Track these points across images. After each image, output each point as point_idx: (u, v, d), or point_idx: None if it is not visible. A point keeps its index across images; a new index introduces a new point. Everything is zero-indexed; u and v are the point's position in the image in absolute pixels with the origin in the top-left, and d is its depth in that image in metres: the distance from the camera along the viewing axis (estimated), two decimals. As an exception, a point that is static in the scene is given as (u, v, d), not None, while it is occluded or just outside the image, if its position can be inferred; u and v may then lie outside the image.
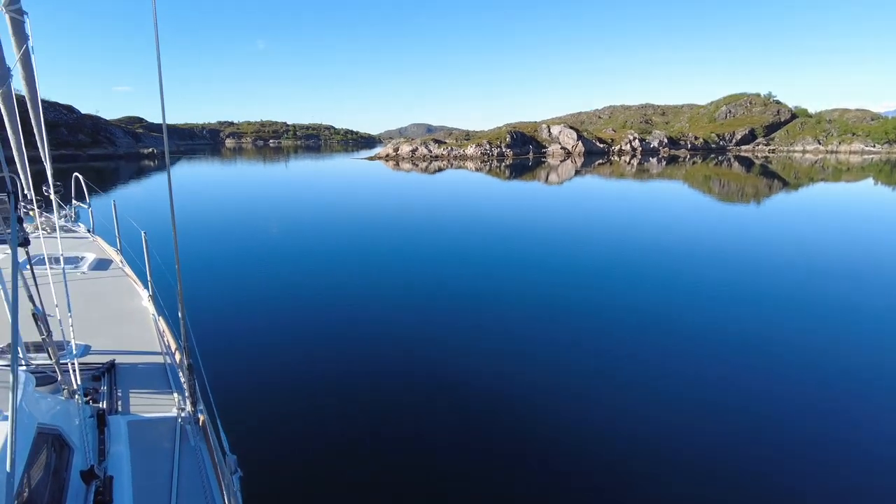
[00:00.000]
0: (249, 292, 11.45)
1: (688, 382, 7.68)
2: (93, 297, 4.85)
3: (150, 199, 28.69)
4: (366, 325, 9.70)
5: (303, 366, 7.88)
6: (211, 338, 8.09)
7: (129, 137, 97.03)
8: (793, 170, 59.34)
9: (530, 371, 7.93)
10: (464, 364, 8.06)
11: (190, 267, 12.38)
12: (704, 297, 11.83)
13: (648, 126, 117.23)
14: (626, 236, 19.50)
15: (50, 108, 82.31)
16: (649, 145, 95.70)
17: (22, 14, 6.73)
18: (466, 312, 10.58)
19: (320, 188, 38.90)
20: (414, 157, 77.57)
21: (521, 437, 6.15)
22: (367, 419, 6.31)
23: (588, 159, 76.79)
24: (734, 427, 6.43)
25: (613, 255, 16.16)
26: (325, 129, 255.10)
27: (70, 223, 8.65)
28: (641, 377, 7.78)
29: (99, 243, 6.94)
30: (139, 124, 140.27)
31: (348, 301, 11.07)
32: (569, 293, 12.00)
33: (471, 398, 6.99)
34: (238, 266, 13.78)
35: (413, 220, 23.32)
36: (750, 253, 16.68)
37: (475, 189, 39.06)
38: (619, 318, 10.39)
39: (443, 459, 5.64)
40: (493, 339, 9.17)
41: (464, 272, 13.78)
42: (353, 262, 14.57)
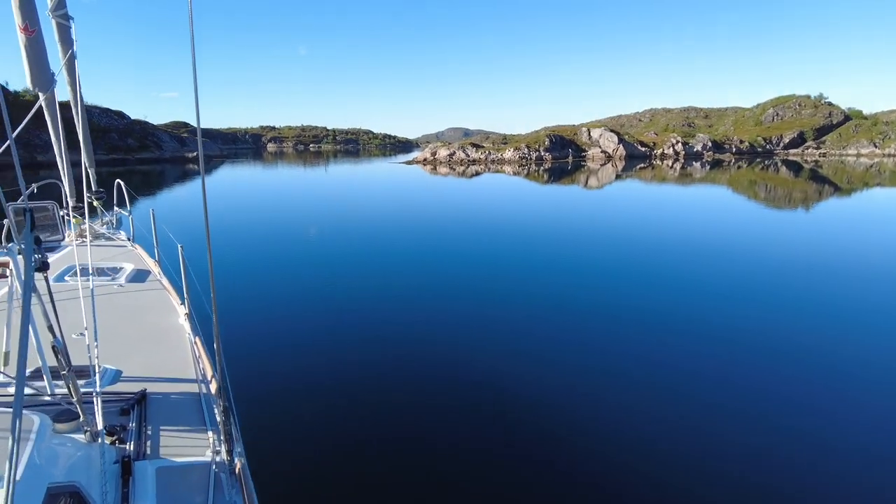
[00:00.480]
0: (286, 310, 10.66)
1: (709, 385, 7.54)
2: (128, 312, 4.68)
3: (191, 203, 29.19)
4: (419, 352, 8.61)
5: (345, 397, 6.84)
6: (245, 362, 7.37)
7: (175, 142, 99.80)
8: (845, 174, 56.79)
9: (554, 374, 7.79)
10: (501, 368, 7.96)
11: (226, 281, 11.88)
12: (735, 303, 11.38)
13: (691, 129, 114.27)
14: (658, 240, 19.04)
15: (102, 114, 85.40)
16: (692, 149, 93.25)
17: (68, 19, 6.72)
18: (502, 317, 10.43)
19: (360, 194, 39.11)
20: (451, 161, 77.44)
21: (542, 438, 6.13)
22: (430, 469, 5.51)
23: (629, 163, 75.26)
24: (748, 429, 6.33)
25: (647, 259, 15.79)
26: (364, 134, 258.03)
27: (111, 230, 8.65)
28: (670, 384, 7.55)
29: (138, 252, 6.85)
30: (185, 129, 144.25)
31: (396, 324, 9.83)
32: (597, 296, 11.76)
33: (507, 402, 6.88)
34: (275, 278, 13.20)
35: (447, 224, 23.10)
36: (785, 259, 15.99)
37: (510, 193, 38.61)
38: (649, 321, 10.13)
39: (485, 469, 5.52)
40: (525, 342, 9.11)
41: (501, 276, 13.70)
42: (397, 278, 13.41)
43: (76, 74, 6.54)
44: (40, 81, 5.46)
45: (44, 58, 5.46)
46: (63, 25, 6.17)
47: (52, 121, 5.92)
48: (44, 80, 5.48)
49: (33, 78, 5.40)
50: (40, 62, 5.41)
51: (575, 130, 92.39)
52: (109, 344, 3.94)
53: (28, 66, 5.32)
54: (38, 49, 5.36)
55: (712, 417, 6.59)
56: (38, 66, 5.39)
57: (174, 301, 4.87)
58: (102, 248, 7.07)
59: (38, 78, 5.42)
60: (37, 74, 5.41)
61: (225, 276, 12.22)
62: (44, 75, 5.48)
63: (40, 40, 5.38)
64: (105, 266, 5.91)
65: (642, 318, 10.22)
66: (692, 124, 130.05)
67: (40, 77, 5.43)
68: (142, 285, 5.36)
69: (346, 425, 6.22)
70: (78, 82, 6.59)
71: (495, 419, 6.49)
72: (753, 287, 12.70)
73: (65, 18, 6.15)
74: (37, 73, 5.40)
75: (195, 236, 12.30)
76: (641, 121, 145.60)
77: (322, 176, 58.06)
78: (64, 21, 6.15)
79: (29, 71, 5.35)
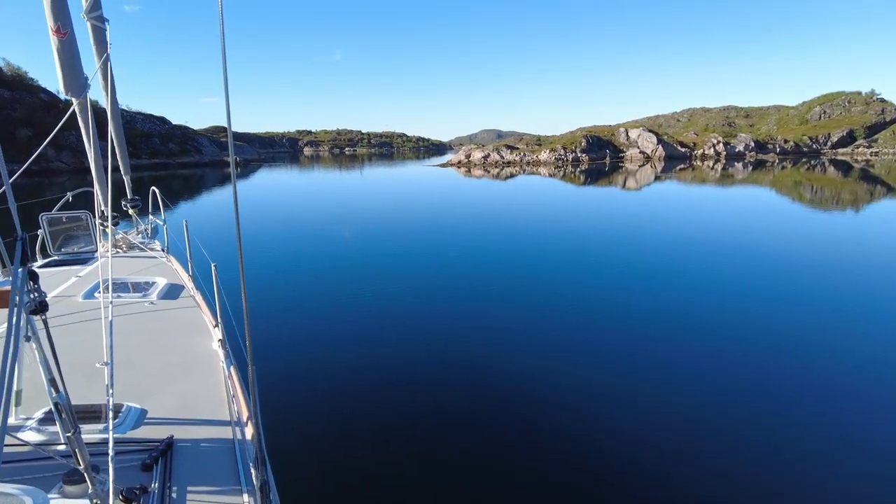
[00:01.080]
0: (321, 325, 9.95)
1: (740, 389, 7.34)
2: (158, 335, 4.35)
3: (227, 210, 28.51)
4: (461, 361, 8.20)
5: (396, 434, 6.08)
6: (279, 388, 6.81)
7: (215, 146, 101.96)
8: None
9: (590, 378, 7.63)
10: (531, 369, 7.89)
11: (260, 295, 11.41)
12: (769, 306, 10.89)
13: (731, 129, 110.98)
14: (694, 241, 18.51)
15: (145, 120, 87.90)
16: (734, 149, 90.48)
17: (103, 21, 6.52)
18: (530, 318, 10.30)
19: (395, 197, 38.93)
20: (486, 163, 76.90)
21: (564, 437, 6.11)
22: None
23: (668, 164, 73.43)
24: (766, 428, 6.29)
25: (683, 262, 15.32)
26: (398, 137, 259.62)
27: (146, 238, 8.46)
28: (707, 394, 7.27)
29: (172, 265, 6.57)
30: (224, 133, 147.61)
31: (446, 342, 8.99)
32: (631, 298, 11.53)
33: (540, 404, 6.88)
34: (309, 291, 12.45)
35: (479, 226, 22.69)
36: (828, 260, 15.16)
37: (543, 194, 37.83)
38: (679, 323, 9.93)
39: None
40: (555, 343, 9.00)
41: (531, 278, 13.36)
42: (440, 287, 12.75)
43: (111, 78, 6.33)
44: (73, 86, 5.26)
45: (77, 61, 5.25)
46: (98, 28, 5.97)
47: (86, 127, 5.70)
48: (77, 84, 5.28)
49: (66, 82, 5.19)
50: (73, 66, 5.20)
51: (612, 131, 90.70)
52: (136, 373, 3.62)
53: (60, 69, 5.11)
54: (70, 52, 5.14)
55: (738, 418, 6.52)
56: (70, 70, 5.18)
57: (208, 322, 4.54)
58: (136, 260, 6.83)
59: (71, 82, 5.22)
60: (69, 78, 5.20)
61: (259, 291, 11.86)
62: (77, 79, 5.27)
63: (73, 43, 5.17)
64: (137, 280, 5.64)
65: (672, 320, 10.03)
66: (732, 124, 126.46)
67: (73, 81, 5.23)
68: (174, 303, 5.05)
69: (398, 469, 5.47)
70: (112, 86, 6.37)
71: (533, 422, 6.42)
72: (790, 290, 12.20)
73: (100, 21, 5.94)
74: (69, 77, 5.20)
75: (230, 248, 12.00)
76: (679, 121, 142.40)
77: (358, 179, 58.26)
78: (99, 23, 5.95)
79: (61, 74, 5.14)
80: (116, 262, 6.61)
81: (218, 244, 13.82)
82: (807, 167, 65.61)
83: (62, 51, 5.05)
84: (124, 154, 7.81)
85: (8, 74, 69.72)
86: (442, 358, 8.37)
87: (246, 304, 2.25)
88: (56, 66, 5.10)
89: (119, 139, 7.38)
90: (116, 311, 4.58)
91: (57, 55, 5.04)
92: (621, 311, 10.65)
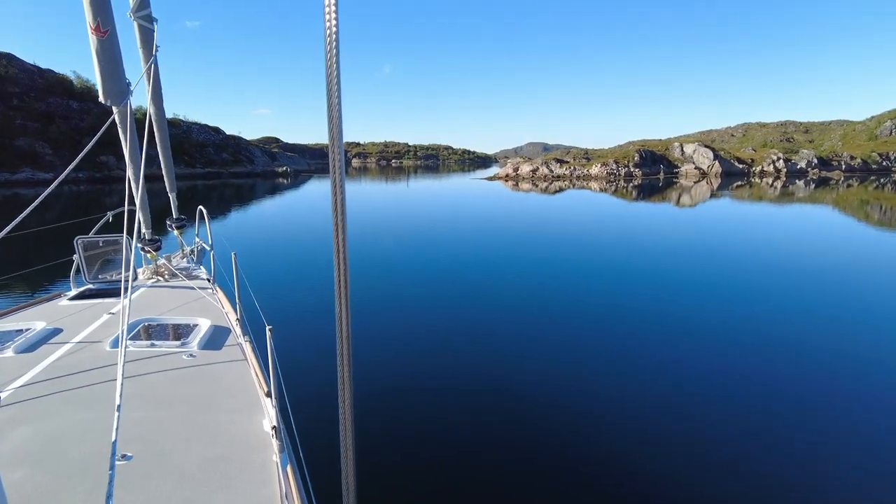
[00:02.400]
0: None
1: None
2: (197, 407, 3.51)
3: (279, 236, 25.20)
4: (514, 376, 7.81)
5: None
6: None
7: (266, 156, 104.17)
8: None
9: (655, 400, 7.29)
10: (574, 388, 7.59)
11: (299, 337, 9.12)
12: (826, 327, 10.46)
13: (790, 145, 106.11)
14: (746, 258, 17.65)
15: (200, 130, 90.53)
16: (795, 166, 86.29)
17: (151, 21, 5.97)
18: (572, 330, 10.22)
19: (445, 212, 38.25)
20: (534, 177, 75.61)
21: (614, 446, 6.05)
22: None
23: (725, 181, 70.45)
24: (772, 430, 6.38)
25: (734, 279, 14.50)
26: (444, 150, 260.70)
27: (191, 262, 7.84)
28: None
29: (218, 299, 5.86)
30: (275, 144, 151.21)
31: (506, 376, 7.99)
32: (680, 316, 11.14)
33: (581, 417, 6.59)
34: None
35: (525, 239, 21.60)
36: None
37: (595, 209, 36.36)
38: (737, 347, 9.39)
39: None
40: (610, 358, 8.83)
41: (584, 291, 12.85)
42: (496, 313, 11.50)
43: (159, 83, 5.75)
44: (113, 92, 4.66)
45: (118, 64, 4.64)
46: (145, 29, 5.40)
47: (126, 137, 5.09)
48: (117, 90, 4.67)
49: (105, 87, 4.59)
50: (114, 69, 4.60)
51: (666, 145, 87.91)
52: (159, 473, 2.80)
53: (99, 73, 4.52)
54: (111, 54, 4.54)
55: (747, 422, 6.59)
56: (110, 74, 4.58)
57: (258, 385, 3.72)
58: (178, 291, 6.16)
59: (111, 88, 4.62)
60: (109, 83, 4.60)
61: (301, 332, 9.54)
62: (117, 84, 4.67)
63: (114, 43, 4.57)
64: (177, 321, 4.92)
65: (733, 343, 9.51)
66: (791, 139, 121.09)
67: (113, 86, 4.63)
68: (218, 354, 4.27)
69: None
70: (157, 93, 5.79)
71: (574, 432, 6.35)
72: (848, 314, 11.43)
73: (148, 20, 5.38)
74: (109, 82, 4.59)
75: (278, 284, 10.85)
76: (734, 136, 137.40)
77: (405, 191, 57.94)
78: (147, 23, 5.39)
79: (100, 79, 4.54)
80: (155, 294, 5.96)
81: (266, 277, 13.13)
82: (875, 185, 61.65)
83: (102, 52, 4.46)
84: (170, 169, 7.26)
85: (78, 87, 72.97)
86: (491, 370, 8.11)
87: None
88: (94, 69, 4.51)
89: (165, 152, 6.82)
90: (148, 367, 3.87)
91: (96, 57, 4.45)
92: (675, 331, 10.25)
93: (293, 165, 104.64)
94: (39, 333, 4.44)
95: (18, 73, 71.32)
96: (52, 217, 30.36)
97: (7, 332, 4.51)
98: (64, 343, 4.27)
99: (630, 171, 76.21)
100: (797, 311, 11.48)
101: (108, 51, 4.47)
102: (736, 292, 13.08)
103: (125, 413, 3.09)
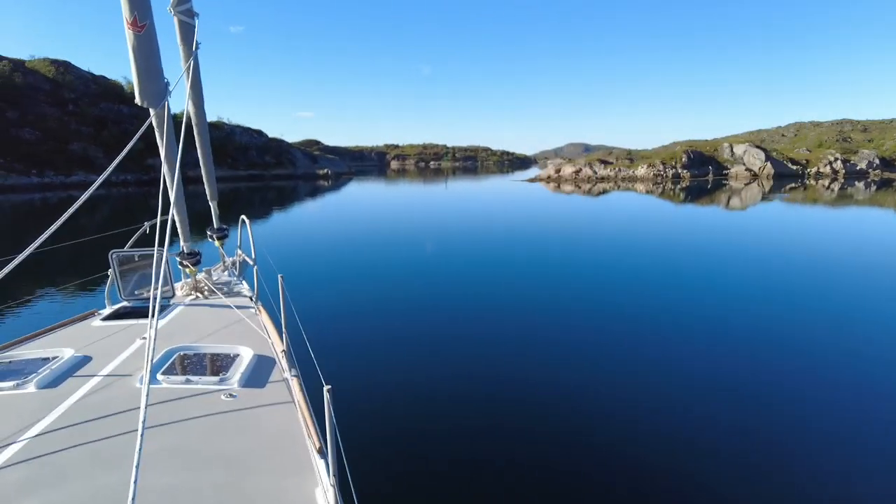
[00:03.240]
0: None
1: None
2: (240, 462, 2.96)
3: (327, 255, 25.96)
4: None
5: None
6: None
7: (307, 159, 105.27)
8: None
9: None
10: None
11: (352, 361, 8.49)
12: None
13: (848, 144, 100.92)
14: (801, 263, 17.32)
15: (243, 133, 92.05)
16: (855, 167, 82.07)
17: (192, 16, 5.49)
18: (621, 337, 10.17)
19: (484, 214, 37.48)
20: (577, 178, 74.06)
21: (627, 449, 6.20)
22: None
23: (777, 183, 67.42)
24: (779, 434, 6.43)
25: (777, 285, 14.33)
26: (482, 151, 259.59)
27: (232, 276, 7.23)
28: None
29: (262, 323, 5.32)
30: (316, 146, 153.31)
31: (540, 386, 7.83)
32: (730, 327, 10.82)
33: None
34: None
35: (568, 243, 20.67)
36: None
37: (640, 213, 34.97)
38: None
39: None
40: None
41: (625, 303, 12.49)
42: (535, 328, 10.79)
43: (198, 83, 5.28)
44: (150, 92, 4.16)
45: (156, 62, 4.13)
46: (186, 24, 4.92)
47: (163, 140, 4.58)
48: (154, 90, 4.18)
49: (141, 87, 4.10)
50: (151, 68, 4.09)
51: (715, 146, 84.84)
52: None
53: (136, 72, 4.03)
54: (149, 50, 4.04)
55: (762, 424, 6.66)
56: (147, 73, 4.08)
57: (307, 435, 3.12)
58: (217, 311, 5.58)
59: (147, 87, 4.12)
60: (146, 83, 4.10)
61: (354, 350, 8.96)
62: (155, 84, 4.17)
63: (152, 39, 4.07)
64: (215, 350, 4.38)
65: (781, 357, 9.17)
66: (848, 139, 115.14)
67: (150, 86, 4.13)
68: (262, 394, 3.69)
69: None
70: (199, 93, 5.30)
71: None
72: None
73: (189, 15, 4.89)
74: (146, 82, 4.10)
75: (325, 305, 10.00)
76: (784, 136, 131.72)
77: (443, 194, 57.37)
78: (188, 18, 4.90)
79: (136, 79, 4.05)
80: (193, 315, 5.47)
81: (315, 300, 12.17)
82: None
83: (139, 48, 3.96)
84: (211, 175, 6.80)
85: (129, 92, 75.32)
86: (549, 378, 8.11)
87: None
88: (131, 67, 4.02)
89: (205, 157, 6.31)
90: (181, 410, 3.32)
91: (132, 53, 3.96)
92: (729, 345, 9.79)
93: (333, 168, 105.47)
94: (66, 363, 3.98)
95: (74, 79, 74.11)
96: (100, 218, 31.01)
97: (33, 360, 4.07)
98: (91, 376, 3.79)
99: (678, 172, 73.80)
100: (854, 322, 11.11)
101: (146, 47, 3.98)
102: (793, 304, 12.46)
103: (149, 477, 2.54)
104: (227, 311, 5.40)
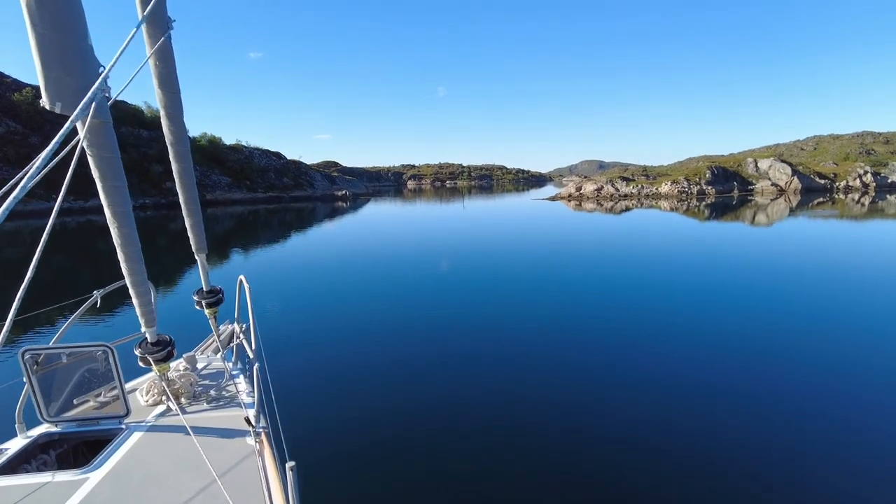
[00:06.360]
0: None
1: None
2: None
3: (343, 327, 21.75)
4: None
5: None
6: None
7: (326, 180, 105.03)
8: None
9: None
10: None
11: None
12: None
13: (872, 157, 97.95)
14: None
15: (262, 155, 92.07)
16: (886, 180, 79.55)
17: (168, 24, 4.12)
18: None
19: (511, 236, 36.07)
20: (599, 196, 72.51)
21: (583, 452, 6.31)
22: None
23: (805, 197, 65.31)
24: (781, 444, 6.46)
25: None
26: (498, 170, 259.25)
27: (227, 361, 5.06)
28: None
29: (265, 465, 3.27)
30: (334, 168, 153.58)
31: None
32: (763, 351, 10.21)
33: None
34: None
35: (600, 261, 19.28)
36: None
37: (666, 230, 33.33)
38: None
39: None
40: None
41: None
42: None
43: (172, 79, 4.00)
44: (64, 86, 2.91)
45: (75, 29, 2.82)
46: None
47: (98, 166, 3.33)
48: (74, 82, 2.92)
49: (47, 79, 2.82)
50: (66, 41, 2.81)
51: (739, 161, 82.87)
52: None
53: (36, 46, 2.75)
54: (62, 5, 2.80)
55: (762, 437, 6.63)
56: (61, 50, 2.80)
57: None
58: (197, 443, 3.39)
59: (60, 79, 2.86)
60: (57, 70, 2.84)
61: None
62: (73, 72, 2.90)
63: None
64: None
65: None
66: (872, 151, 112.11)
67: (64, 76, 2.87)
68: None
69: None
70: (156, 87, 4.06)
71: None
72: None
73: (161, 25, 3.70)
74: (56, 68, 2.83)
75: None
76: (804, 149, 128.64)
77: (461, 214, 56.07)
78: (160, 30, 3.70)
79: (39, 60, 2.76)
80: (155, 450, 3.51)
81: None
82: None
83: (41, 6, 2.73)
84: (198, 224, 4.98)
85: (148, 116, 75.85)
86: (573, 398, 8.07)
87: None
88: (29, 39, 2.77)
89: (189, 202, 4.71)
90: None
91: (28, 17, 2.70)
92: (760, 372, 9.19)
93: (351, 188, 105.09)
94: None
95: (94, 104, 74.76)
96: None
97: None
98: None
99: (702, 188, 71.94)
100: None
101: (57, 17, 2.69)
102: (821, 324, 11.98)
103: None
104: (211, 441, 3.57)
